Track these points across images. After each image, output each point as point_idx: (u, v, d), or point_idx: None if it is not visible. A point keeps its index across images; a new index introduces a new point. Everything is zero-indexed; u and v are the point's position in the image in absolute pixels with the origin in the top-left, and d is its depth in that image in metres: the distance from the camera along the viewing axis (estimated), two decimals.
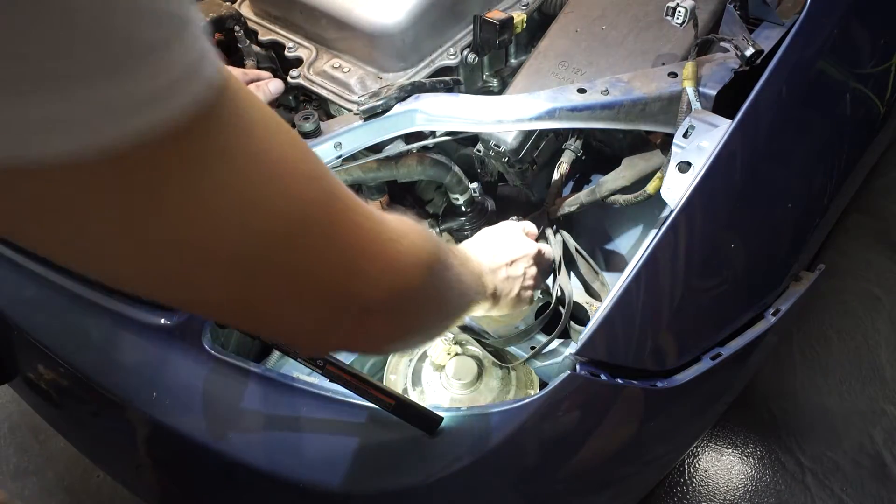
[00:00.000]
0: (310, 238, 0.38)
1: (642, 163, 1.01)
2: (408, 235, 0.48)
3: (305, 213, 0.38)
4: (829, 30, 0.92)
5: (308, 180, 0.38)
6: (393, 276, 0.46)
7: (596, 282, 1.03)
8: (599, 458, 0.90)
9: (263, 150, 0.34)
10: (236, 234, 0.34)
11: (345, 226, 0.41)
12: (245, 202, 0.34)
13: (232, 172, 0.32)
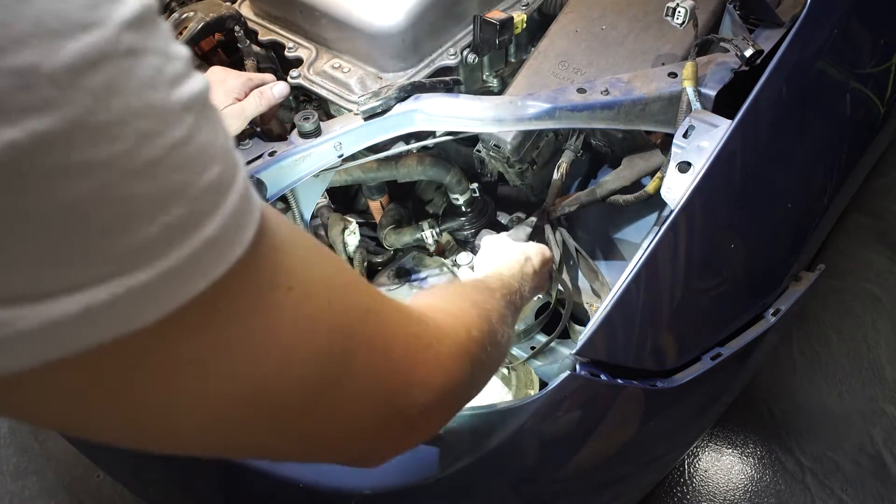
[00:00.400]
0: (355, 364, 0.37)
1: (642, 163, 1.01)
2: (451, 331, 0.48)
3: (346, 342, 0.36)
4: (829, 30, 0.92)
5: (343, 303, 0.37)
6: (443, 378, 0.45)
7: (596, 282, 1.03)
8: (599, 458, 0.90)
9: (299, 294, 0.33)
10: (282, 381, 0.33)
11: (388, 338, 0.40)
12: (291, 348, 0.33)
13: (269, 326, 0.31)
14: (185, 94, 0.26)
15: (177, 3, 1.25)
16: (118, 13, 0.23)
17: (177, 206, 0.25)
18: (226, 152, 0.28)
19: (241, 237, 0.29)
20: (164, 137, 0.24)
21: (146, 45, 0.24)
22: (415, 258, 1.24)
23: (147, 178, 0.24)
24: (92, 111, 0.22)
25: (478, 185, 1.19)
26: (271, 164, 0.93)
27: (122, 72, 0.23)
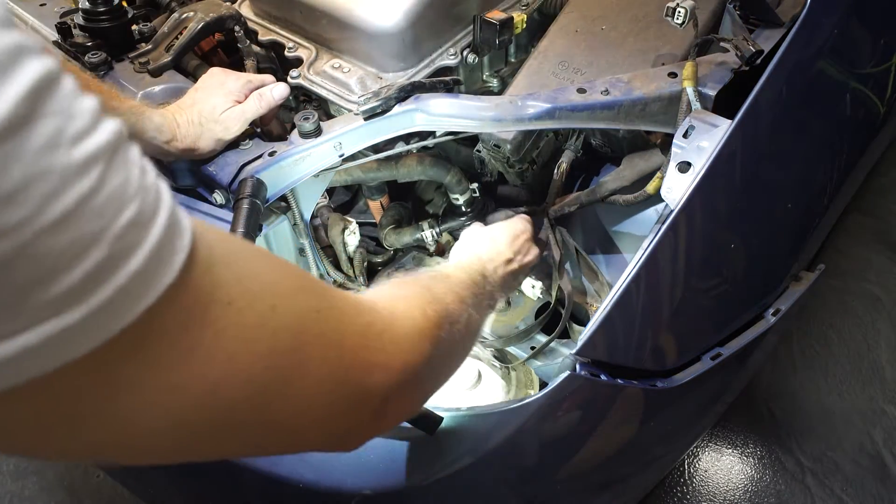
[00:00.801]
0: (308, 360, 0.39)
1: (642, 163, 1.01)
2: (404, 313, 0.51)
3: (295, 341, 0.39)
4: (829, 30, 0.92)
5: (289, 306, 0.39)
6: (402, 359, 0.47)
7: (596, 282, 1.03)
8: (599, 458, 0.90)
9: (240, 306, 0.35)
10: (231, 385, 0.35)
11: (340, 331, 0.43)
12: (235, 354, 0.35)
13: (209, 339, 0.34)
14: (90, 148, 0.27)
15: (177, 3, 1.25)
16: (4, 95, 0.25)
17: (95, 251, 0.27)
18: (143, 189, 0.30)
19: (170, 264, 0.31)
20: (70, 193, 0.26)
21: (43, 110, 0.26)
22: (415, 258, 1.24)
23: (59, 233, 0.26)
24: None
25: (478, 185, 1.19)
26: (271, 164, 0.93)
27: (17, 142, 0.25)
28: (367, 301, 0.49)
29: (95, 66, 1.07)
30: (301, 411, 0.40)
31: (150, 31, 1.15)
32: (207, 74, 0.97)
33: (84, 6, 1.08)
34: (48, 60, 0.27)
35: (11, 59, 0.26)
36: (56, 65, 0.28)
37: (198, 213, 0.93)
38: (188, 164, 0.96)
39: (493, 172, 1.21)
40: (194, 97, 0.94)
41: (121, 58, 1.11)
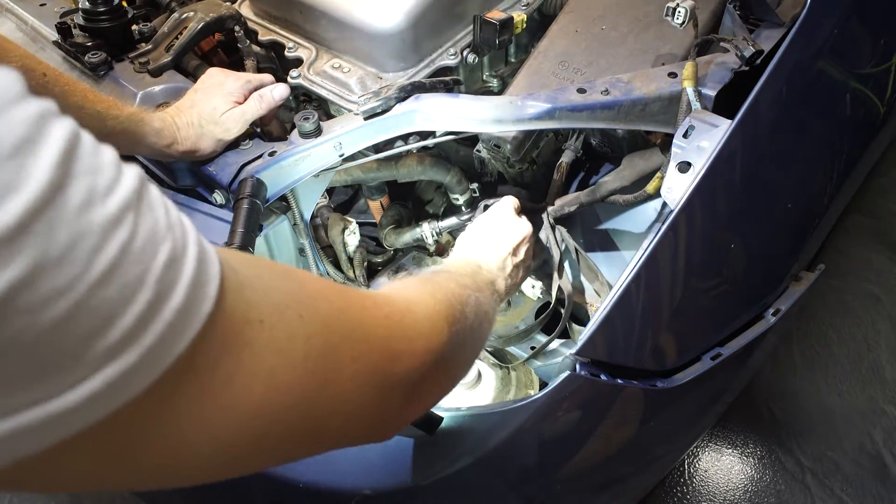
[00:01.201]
0: (340, 359, 0.41)
1: (642, 162, 1.01)
2: (417, 300, 0.53)
3: (326, 344, 0.40)
4: (829, 30, 0.92)
5: (314, 312, 0.41)
6: (424, 341, 0.50)
7: (596, 282, 1.03)
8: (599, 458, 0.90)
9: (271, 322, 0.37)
10: (273, 398, 0.37)
11: (365, 325, 0.45)
12: (274, 368, 0.37)
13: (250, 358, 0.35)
14: (120, 199, 0.29)
15: (177, 3, 1.25)
16: (40, 164, 0.26)
17: (142, 293, 0.29)
18: (171, 226, 0.32)
19: (207, 293, 0.33)
20: (112, 245, 0.28)
21: (74, 171, 0.27)
22: (415, 258, 1.24)
23: (108, 283, 0.28)
24: (44, 250, 0.26)
25: (478, 185, 1.19)
26: (271, 164, 0.93)
27: (58, 207, 0.26)
28: (383, 294, 0.51)
29: (95, 66, 1.07)
30: (339, 409, 0.42)
31: (150, 31, 1.15)
32: (206, 75, 0.97)
33: (84, 6, 1.08)
34: (67, 121, 0.29)
35: (38, 127, 0.27)
36: (74, 123, 0.29)
37: (198, 213, 0.93)
38: (188, 165, 0.96)
39: (493, 172, 1.21)
40: (193, 98, 0.94)
41: (121, 58, 1.11)
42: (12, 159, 0.25)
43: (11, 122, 0.26)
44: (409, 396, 0.48)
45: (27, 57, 0.76)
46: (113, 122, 0.83)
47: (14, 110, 0.26)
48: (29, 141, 0.26)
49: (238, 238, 0.81)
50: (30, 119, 0.27)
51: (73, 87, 0.80)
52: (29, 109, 0.27)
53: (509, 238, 0.91)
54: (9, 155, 0.25)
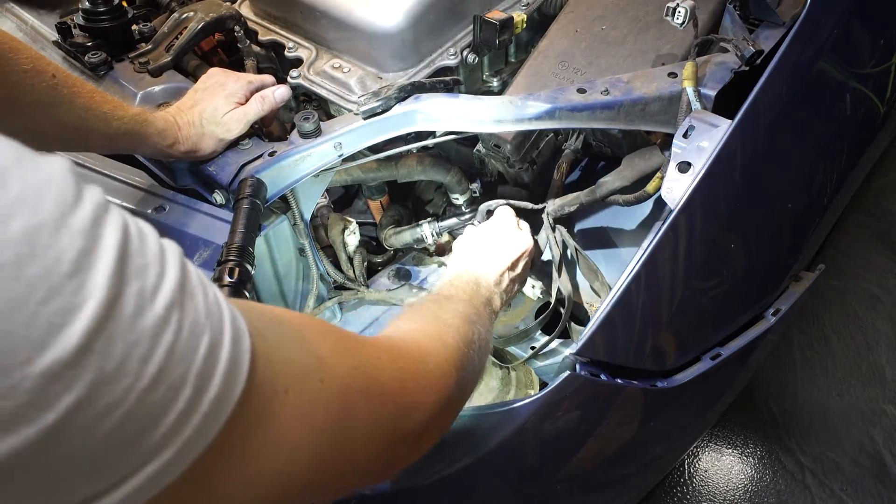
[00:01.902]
0: (356, 417, 0.42)
1: (642, 162, 1.01)
2: (429, 349, 0.54)
3: (343, 404, 0.41)
4: (829, 30, 0.92)
5: (332, 375, 0.42)
6: (436, 394, 0.51)
7: (596, 282, 1.03)
8: (599, 458, 0.90)
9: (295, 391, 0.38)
10: (296, 463, 0.38)
11: (380, 381, 0.46)
12: (298, 436, 0.38)
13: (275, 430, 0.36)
14: (166, 297, 0.30)
15: (177, 3, 1.25)
16: (98, 278, 0.26)
17: (184, 391, 0.30)
18: (209, 311, 0.32)
19: (240, 373, 0.33)
20: (159, 350, 0.29)
21: (127, 277, 0.28)
22: (415, 258, 1.24)
23: (155, 388, 0.28)
24: (101, 368, 0.26)
25: (478, 185, 1.19)
26: (271, 164, 0.93)
27: (114, 322, 0.27)
28: (397, 343, 0.52)
29: (95, 66, 1.07)
30: (353, 463, 0.43)
31: (150, 31, 1.15)
32: (207, 75, 0.97)
33: (84, 6, 1.08)
34: (116, 216, 0.29)
35: (94, 234, 0.27)
36: (121, 214, 0.29)
37: (198, 213, 0.93)
38: (188, 164, 0.96)
39: (493, 172, 1.21)
40: (195, 98, 0.94)
41: (121, 58, 1.11)
42: (73, 277, 0.26)
43: (71, 233, 0.26)
44: (415, 444, 0.50)
45: (38, 58, 0.77)
46: (118, 124, 0.83)
47: (72, 219, 0.26)
48: (86, 253, 0.26)
49: (238, 238, 0.81)
50: (86, 226, 0.27)
51: (81, 89, 0.80)
52: (84, 214, 0.27)
53: (509, 252, 0.91)
54: (69, 273, 0.26)
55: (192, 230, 0.90)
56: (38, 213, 0.25)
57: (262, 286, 1.00)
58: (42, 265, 0.25)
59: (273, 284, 1.02)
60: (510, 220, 0.96)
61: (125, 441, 0.28)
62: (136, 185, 0.96)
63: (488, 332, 0.73)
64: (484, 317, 0.75)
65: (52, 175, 0.27)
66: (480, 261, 0.88)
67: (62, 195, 0.27)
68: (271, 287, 1.02)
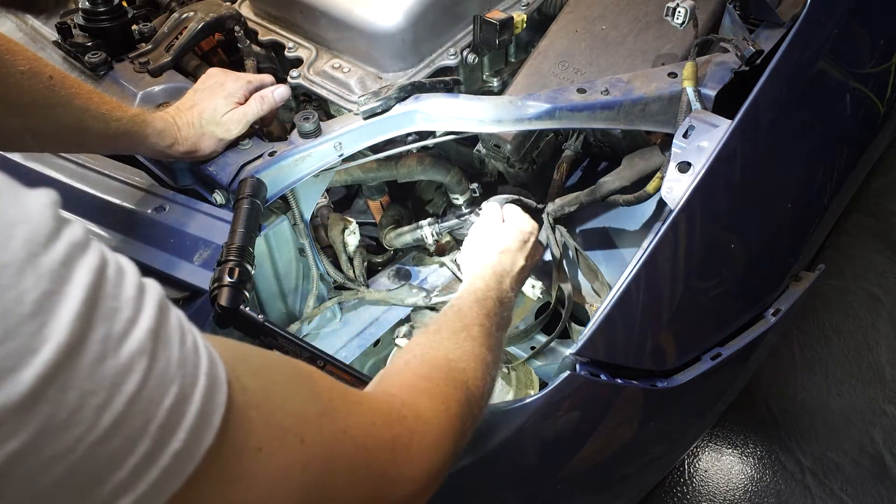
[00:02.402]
0: (336, 485, 0.40)
1: (642, 162, 1.01)
2: (429, 417, 0.50)
3: (324, 469, 0.39)
4: (829, 30, 0.92)
5: (317, 435, 0.39)
6: (428, 466, 0.48)
7: (596, 282, 1.03)
8: (599, 458, 0.90)
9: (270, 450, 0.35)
10: None
11: (368, 448, 0.43)
12: (268, 499, 0.35)
13: (243, 490, 0.34)
14: (135, 343, 0.28)
15: (177, 3, 1.25)
16: (61, 321, 0.25)
17: (142, 444, 0.28)
18: (184, 360, 0.30)
19: (209, 427, 0.31)
20: (119, 399, 0.27)
21: (94, 320, 0.26)
22: (415, 258, 1.24)
23: (111, 439, 0.27)
24: (52, 415, 0.25)
25: (478, 185, 1.19)
26: (271, 164, 0.93)
27: (72, 368, 0.25)
28: (396, 406, 0.48)
29: (95, 66, 1.07)
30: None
31: (150, 31, 1.15)
32: (206, 75, 0.97)
33: (84, 6, 1.08)
34: (93, 254, 0.27)
35: (63, 274, 0.26)
36: (100, 251, 0.28)
37: (198, 213, 0.93)
38: (188, 164, 0.96)
39: (493, 172, 1.21)
40: (194, 98, 0.94)
41: (121, 58, 1.11)
42: (33, 318, 0.25)
43: (37, 274, 0.25)
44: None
45: (35, 60, 0.76)
46: (116, 124, 0.83)
47: (42, 259, 0.25)
48: (51, 294, 0.25)
49: (238, 238, 0.81)
50: (55, 267, 0.26)
51: (79, 90, 0.80)
52: (55, 255, 0.26)
53: (518, 237, 0.91)
54: (30, 314, 0.24)
55: (192, 230, 0.90)
56: (5, 253, 0.24)
57: (262, 286, 1.00)
58: (0, 305, 0.24)
59: (273, 284, 1.02)
60: (534, 224, 0.96)
61: (71, 491, 0.26)
62: (136, 185, 0.96)
63: (498, 366, 0.69)
64: (499, 343, 0.72)
65: (30, 212, 0.26)
66: (499, 257, 0.87)
67: (34, 234, 0.26)
68: (271, 287, 1.02)
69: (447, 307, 0.74)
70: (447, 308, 0.74)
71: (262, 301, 1.02)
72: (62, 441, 0.25)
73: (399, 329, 1.13)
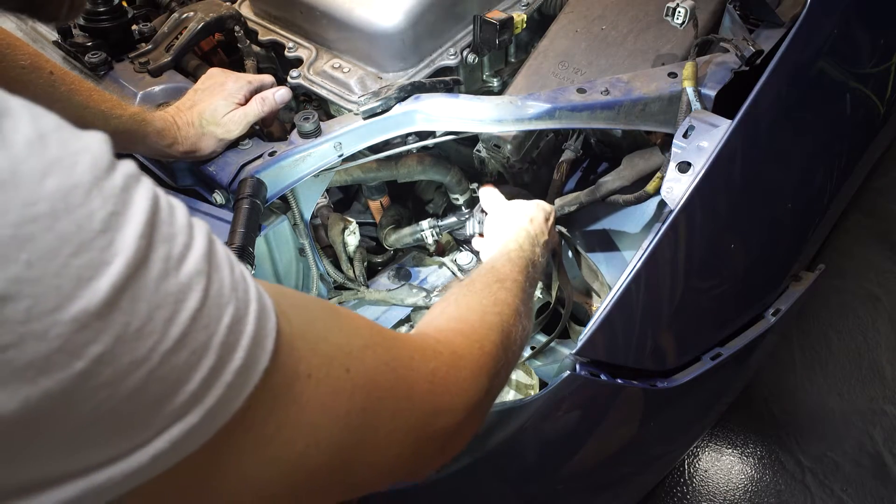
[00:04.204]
0: (381, 414, 0.42)
1: (642, 162, 1.01)
2: (464, 353, 0.53)
3: (368, 398, 0.41)
4: (829, 30, 0.92)
5: (360, 365, 0.41)
6: (465, 400, 0.50)
7: (596, 282, 1.03)
8: (599, 458, 0.90)
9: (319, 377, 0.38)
10: (315, 452, 0.38)
11: (409, 380, 0.45)
12: (317, 423, 0.38)
13: (295, 413, 0.36)
14: (192, 266, 0.30)
15: (177, 3, 1.25)
16: (126, 238, 0.28)
17: (207, 358, 0.30)
18: (235, 285, 0.33)
19: (264, 350, 0.34)
20: (183, 313, 0.29)
21: (155, 240, 0.29)
22: (415, 258, 1.24)
23: (179, 351, 0.29)
24: (126, 324, 0.27)
25: (478, 185, 1.19)
26: (271, 164, 0.93)
27: (140, 281, 0.28)
28: (431, 343, 0.51)
29: (95, 66, 1.07)
30: (375, 463, 0.43)
31: (150, 31, 1.15)
32: (207, 75, 0.97)
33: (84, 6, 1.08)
34: (147, 186, 0.30)
35: (124, 197, 0.28)
36: (153, 186, 0.30)
37: (198, 213, 0.93)
38: (188, 164, 0.96)
39: (493, 172, 1.21)
40: (194, 98, 0.94)
41: (121, 58, 1.11)
42: (103, 234, 0.27)
43: (103, 196, 0.27)
44: (443, 447, 0.49)
45: (35, 55, 0.77)
46: (116, 122, 0.83)
47: (105, 183, 0.28)
48: (116, 214, 0.28)
49: (238, 238, 0.81)
50: (117, 192, 0.28)
51: (79, 86, 0.81)
52: (116, 181, 0.28)
53: (543, 215, 0.92)
54: (100, 230, 0.27)
55: None
56: (74, 175, 0.27)
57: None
58: (74, 221, 0.26)
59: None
60: (542, 203, 0.97)
61: (148, 401, 0.28)
62: None
63: (531, 320, 0.71)
64: (530, 297, 0.73)
65: (90, 144, 0.28)
66: (528, 226, 0.88)
67: (96, 161, 0.28)
68: None
69: (481, 266, 0.76)
70: (481, 266, 0.76)
71: None
72: (138, 349, 0.28)
73: (399, 329, 1.13)
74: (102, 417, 0.27)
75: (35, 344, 0.25)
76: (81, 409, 0.26)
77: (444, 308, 0.62)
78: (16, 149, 0.25)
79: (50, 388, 0.25)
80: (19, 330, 0.24)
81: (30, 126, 0.26)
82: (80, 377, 0.26)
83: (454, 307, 0.61)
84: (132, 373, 0.28)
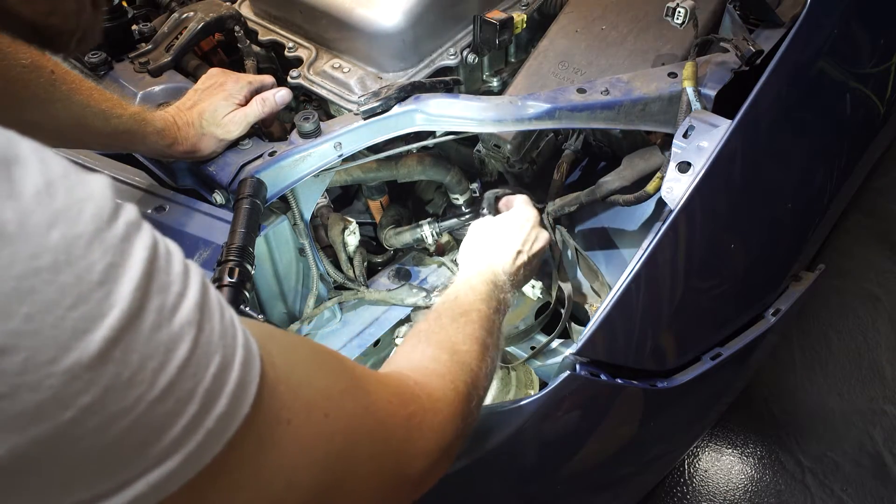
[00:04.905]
0: (359, 457, 0.43)
1: (642, 162, 1.01)
2: (440, 396, 0.54)
3: (347, 442, 0.42)
4: (829, 30, 0.92)
5: (340, 411, 0.42)
6: (440, 442, 0.52)
7: (596, 282, 1.03)
8: (599, 458, 0.90)
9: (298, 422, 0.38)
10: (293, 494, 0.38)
11: (386, 425, 0.46)
12: (296, 467, 0.38)
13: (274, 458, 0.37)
14: (184, 315, 0.31)
15: (177, 3, 1.25)
16: (123, 290, 0.28)
17: (191, 406, 0.31)
18: (224, 332, 0.33)
19: (247, 396, 0.34)
20: (172, 363, 0.30)
21: (151, 291, 0.30)
22: (415, 258, 1.24)
23: (166, 399, 0.30)
24: (117, 374, 0.28)
25: (478, 185, 1.19)
26: (271, 164, 0.93)
27: (134, 333, 0.28)
28: (410, 386, 0.52)
29: (95, 66, 1.07)
30: (353, 502, 0.43)
31: (150, 31, 1.15)
32: (207, 75, 0.97)
33: None
34: (146, 234, 0.30)
35: (124, 249, 0.29)
36: (152, 233, 0.31)
37: (198, 213, 0.93)
38: (188, 164, 0.96)
39: (493, 172, 1.21)
40: (194, 99, 0.94)
41: (121, 58, 1.11)
42: (101, 286, 0.28)
43: (103, 247, 0.28)
44: (416, 487, 0.50)
45: (36, 54, 0.77)
46: (116, 122, 0.83)
47: (106, 234, 0.28)
48: (115, 266, 0.28)
49: (238, 238, 0.81)
50: (117, 242, 0.29)
51: (80, 86, 0.81)
52: (117, 230, 0.29)
53: (515, 224, 0.91)
54: (98, 282, 0.28)
55: (192, 230, 0.90)
56: (77, 225, 0.27)
57: (262, 286, 1.00)
58: (75, 273, 0.27)
59: (273, 284, 1.02)
60: (532, 212, 0.96)
61: (132, 445, 0.29)
62: (136, 185, 0.96)
63: (498, 349, 0.72)
64: (497, 326, 0.74)
65: (94, 191, 0.29)
66: (494, 245, 0.88)
67: (100, 211, 0.28)
68: (271, 287, 1.02)
69: (444, 296, 0.77)
70: (444, 297, 0.77)
71: (262, 301, 1.02)
72: (126, 398, 0.28)
73: (399, 329, 1.13)
74: (85, 461, 0.28)
75: (28, 395, 0.25)
76: (66, 455, 0.27)
77: (417, 344, 0.64)
78: (24, 200, 0.26)
79: (37, 436, 0.26)
80: (14, 381, 0.25)
81: (39, 174, 0.27)
82: (67, 425, 0.27)
83: (425, 344, 0.63)
84: (118, 420, 0.28)
